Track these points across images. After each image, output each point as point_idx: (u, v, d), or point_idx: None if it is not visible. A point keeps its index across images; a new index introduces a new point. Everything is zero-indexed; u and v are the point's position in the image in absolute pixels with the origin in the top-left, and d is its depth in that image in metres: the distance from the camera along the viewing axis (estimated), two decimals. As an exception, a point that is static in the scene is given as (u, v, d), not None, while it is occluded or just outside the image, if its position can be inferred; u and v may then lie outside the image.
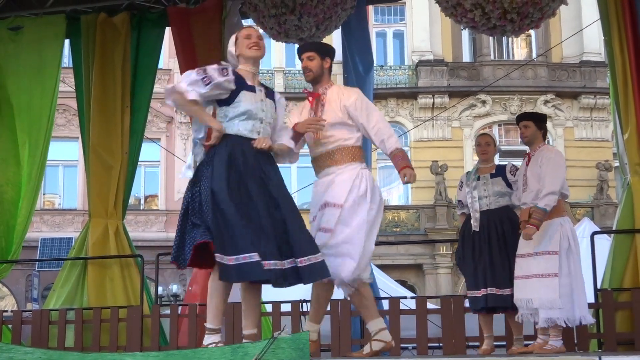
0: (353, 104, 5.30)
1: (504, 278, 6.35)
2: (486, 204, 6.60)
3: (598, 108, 24.35)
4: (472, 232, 6.59)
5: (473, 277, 6.51)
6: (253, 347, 3.90)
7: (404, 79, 24.74)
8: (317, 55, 5.40)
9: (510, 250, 6.37)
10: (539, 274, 6.03)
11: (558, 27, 23.81)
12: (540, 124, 6.47)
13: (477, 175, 6.72)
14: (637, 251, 7.19)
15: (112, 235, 8.59)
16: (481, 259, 6.48)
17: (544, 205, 6.02)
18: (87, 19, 9.00)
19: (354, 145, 5.32)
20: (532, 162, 6.31)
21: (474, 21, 7.02)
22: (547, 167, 6.15)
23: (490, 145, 6.78)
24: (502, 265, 6.39)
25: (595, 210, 22.85)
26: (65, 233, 21.88)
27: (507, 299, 6.31)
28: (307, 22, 7.60)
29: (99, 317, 8.09)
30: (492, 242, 6.48)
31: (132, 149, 8.83)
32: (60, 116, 22.37)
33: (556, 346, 6.03)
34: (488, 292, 6.39)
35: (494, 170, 6.69)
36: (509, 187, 6.59)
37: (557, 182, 6.09)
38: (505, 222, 6.53)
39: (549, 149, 6.42)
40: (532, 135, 6.42)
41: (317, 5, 7.50)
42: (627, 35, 7.52)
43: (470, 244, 6.60)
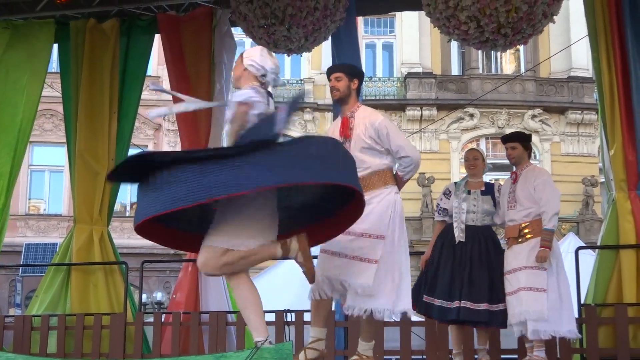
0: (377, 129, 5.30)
1: (481, 293, 6.34)
2: (472, 219, 6.59)
3: (585, 123, 24.45)
4: (457, 242, 6.57)
5: (448, 287, 6.45)
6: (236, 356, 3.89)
7: (392, 90, 24.79)
8: (345, 76, 5.43)
9: (491, 268, 6.40)
10: (527, 287, 6.08)
11: (546, 43, 23.93)
12: (526, 144, 6.60)
13: (467, 190, 6.72)
14: (621, 267, 7.21)
15: (97, 242, 8.56)
16: (460, 272, 6.45)
17: (552, 226, 6.16)
18: (76, 24, 8.98)
19: (385, 170, 5.33)
20: (522, 182, 6.40)
21: (467, 34, 7.01)
22: (545, 190, 6.27)
23: (477, 160, 6.78)
24: (481, 281, 6.38)
25: (580, 225, 22.91)
26: (50, 238, 21.79)
27: (482, 314, 6.32)
28: (297, 33, 7.61)
29: (82, 323, 8.05)
30: (474, 256, 6.47)
31: (118, 156, 8.79)
32: (48, 121, 22.32)
33: (540, 356, 6.08)
34: (461, 305, 6.34)
35: (484, 188, 6.72)
36: (495, 206, 6.63)
37: (558, 203, 6.26)
38: (489, 239, 6.56)
39: (539, 170, 6.62)
40: (520, 156, 6.55)
41: (307, 17, 7.50)
42: (614, 52, 7.56)
43: (451, 254, 6.56)
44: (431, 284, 6.60)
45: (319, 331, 5.38)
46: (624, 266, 7.19)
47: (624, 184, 7.42)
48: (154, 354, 7.81)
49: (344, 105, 5.46)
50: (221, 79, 8.73)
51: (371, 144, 5.31)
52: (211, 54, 8.73)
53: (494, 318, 6.35)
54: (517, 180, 6.45)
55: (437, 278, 6.58)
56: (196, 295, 8.33)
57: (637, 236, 7.26)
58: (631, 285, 7.09)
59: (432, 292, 6.56)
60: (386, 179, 5.32)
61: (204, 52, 8.69)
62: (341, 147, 4.79)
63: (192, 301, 8.30)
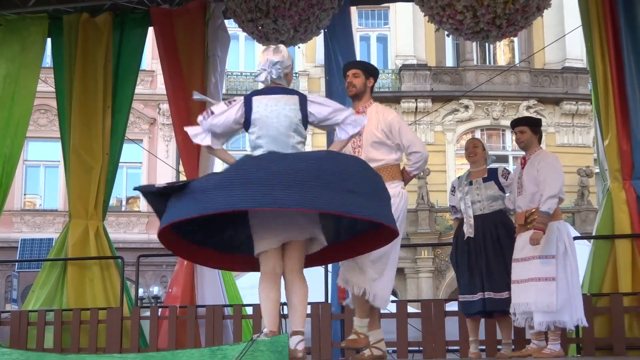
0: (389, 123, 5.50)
1: (501, 282, 6.33)
2: (479, 208, 6.57)
3: (580, 114, 24.46)
4: (467, 237, 6.55)
5: (469, 281, 6.47)
6: (232, 349, 3.89)
7: (387, 83, 24.76)
8: (362, 73, 5.65)
9: (506, 254, 6.36)
10: (536, 278, 6.02)
11: (541, 34, 23.92)
12: (535, 129, 6.52)
13: (469, 180, 6.69)
14: (617, 257, 7.23)
15: (93, 236, 8.55)
16: (477, 264, 6.44)
17: (547, 208, 6.06)
18: (69, 18, 8.96)
19: (393, 164, 5.52)
20: (528, 166, 6.34)
21: (461, 24, 6.99)
22: (547, 171, 6.19)
23: (477, 148, 6.75)
24: (498, 269, 6.37)
25: (576, 215, 22.95)
26: (46, 234, 21.75)
27: (505, 303, 6.30)
28: (284, 24, 7.55)
29: (79, 318, 8.06)
30: (487, 246, 6.45)
31: (113, 150, 8.79)
32: (42, 116, 22.27)
33: (555, 350, 6.04)
34: (485, 296, 6.36)
35: (486, 174, 6.67)
36: (502, 190, 6.59)
37: (558, 186, 6.14)
38: (499, 226, 6.51)
39: (546, 154, 6.48)
40: (528, 140, 6.47)
41: (291, 8, 7.44)
42: (608, 42, 7.57)
43: (466, 249, 6.54)
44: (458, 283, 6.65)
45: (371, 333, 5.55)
46: (619, 256, 7.20)
47: (619, 174, 7.43)
48: (151, 348, 7.82)
49: (358, 101, 5.64)
50: (215, 72, 8.72)
51: (382, 139, 5.47)
52: (205, 48, 8.72)
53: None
54: (525, 165, 6.39)
55: (458, 276, 6.62)
56: (192, 289, 8.34)
57: (632, 226, 7.27)
58: (626, 275, 7.11)
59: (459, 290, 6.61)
60: (394, 174, 5.49)
61: (197, 46, 8.68)
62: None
63: (188, 295, 8.31)
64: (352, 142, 5.45)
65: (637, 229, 7.26)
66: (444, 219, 22.35)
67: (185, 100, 8.58)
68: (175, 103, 8.71)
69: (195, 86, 8.57)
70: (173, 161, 22.46)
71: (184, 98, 8.58)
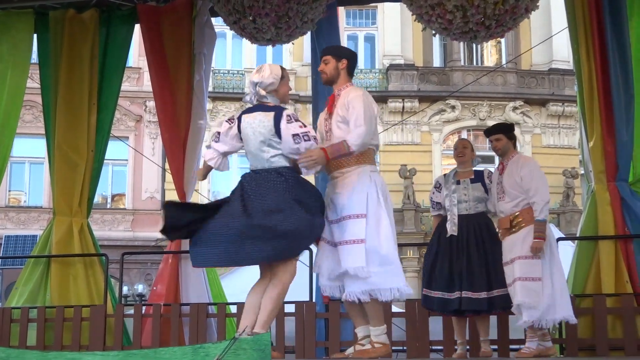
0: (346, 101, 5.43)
1: (480, 282, 6.37)
2: (465, 208, 6.61)
3: (566, 115, 24.57)
4: (450, 235, 6.58)
5: (447, 278, 6.49)
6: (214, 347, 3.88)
7: (374, 82, 24.80)
8: (332, 58, 5.61)
9: (489, 256, 6.42)
10: (522, 277, 6.07)
11: (527, 35, 24.00)
12: (510, 134, 6.61)
13: (456, 180, 6.74)
14: (600, 258, 7.25)
15: (77, 234, 8.52)
16: (458, 263, 6.47)
17: (544, 216, 6.18)
18: (55, 14, 8.91)
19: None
20: (508, 172, 6.41)
21: (450, 23, 6.97)
22: (533, 179, 6.27)
23: (467, 149, 6.81)
24: (479, 269, 6.40)
25: (561, 216, 23.04)
26: (30, 230, 21.64)
27: (482, 302, 6.35)
28: (263, 23, 7.49)
29: (62, 315, 8.02)
30: (470, 246, 6.49)
31: (98, 147, 8.75)
32: (28, 112, 22.16)
33: (532, 348, 6.09)
34: (463, 295, 6.39)
35: (473, 176, 6.73)
36: (486, 192, 6.65)
37: (547, 192, 6.27)
38: (483, 227, 6.56)
39: (525, 159, 6.59)
40: (505, 146, 6.56)
41: (265, 6, 7.39)
42: (594, 44, 7.59)
43: (448, 246, 6.58)
44: (429, 278, 6.64)
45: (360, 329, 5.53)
46: (602, 257, 7.23)
47: (603, 175, 7.45)
48: (134, 346, 7.79)
49: (334, 85, 5.61)
50: (200, 70, 8.70)
51: (344, 117, 5.41)
52: (191, 45, 8.69)
53: (493, 305, 6.40)
54: (503, 170, 6.46)
55: (435, 271, 6.60)
56: (177, 287, 8.32)
57: (616, 227, 7.30)
58: (610, 276, 7.13)
59: (430, 285, 6.61)
60: (359, 157, 5.38)
61: (184, 43, 8.65)
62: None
63: (172, 293, 8.28)
64: (324, 125, 5.58)
65: (620, 231, 7.30)
66: (429, 219, 22.37)
67: (172, 97, 8.56)
68: (162, 100, 8.68)
69: (182, 83, 8.56)
70: (159, 159, 22.42)
71: (170, 95, 8.57)
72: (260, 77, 5.36)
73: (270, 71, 5.41)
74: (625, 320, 6.86)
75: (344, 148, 5.26)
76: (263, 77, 5.35)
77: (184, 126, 8.54)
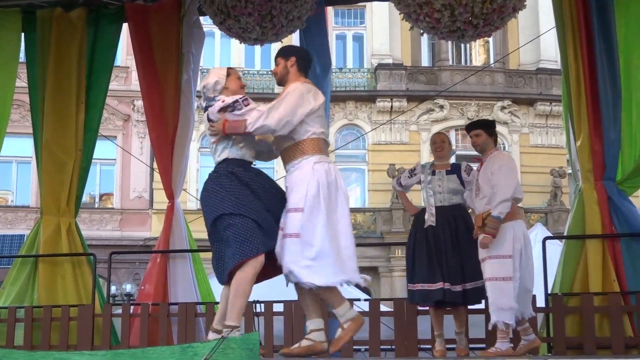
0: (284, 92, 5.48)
1: (456, 274, 6.42)
2: (440, 200, 6.65)
3: (553, 115, 24.64)
4: (427, 226, 6.61)
5: (428, 270, 6.50)
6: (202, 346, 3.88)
7: (362, 82, 24.81)
8: (282, 58, 5.62)
9: (463, 248, 6.45)
10: (492, 277, 6.08)
11: (515, 35, 24.07)
12: (490, 131, 6.57)
13: (432, 170, 6.79)
14: (587, 257, 7.27)
15: (64, 233, 8.48)
16: (437, 254, 6.51)
17: (498, 213, 6.10)
18: (42, 13, 8.87)
19: (300, 141, 5.35)
20: (484, 168, 6.40)
21: (439, 22, 6.97)
22: (499, 174, 6.23)
23: (445, 143, 6.89)
24: (455, 262, 6.45)
25: (549, 216, 23.11)
26: (18, 230, 21.60)
27: (458, 295, 6.39)
28: (247, 23, 7.47)
29: (50, 315, 7.99)
30: (445, 238, 6.53)
31: (86, 146, 8.71)
32: (15, 112, 22.02)
33: (501, 349, 6.07)
34: (445, 286, 6.42)
35: (450, 167, 6.79)
36: (463, 185, 6.67)
37: (509, 190, 6.17)
38: (458, 219, 6.59)
39: (500, 155, 6.53)
40: (484, 143, 6.52)
41: (247, 5, 7.39)
42: (581, 44, 7.61)
43: (424, 238, 6.61)
44: (411, 273, 6.66)
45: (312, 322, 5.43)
46: (590, 256, 7.25)
47: (590, 175, 7.47)
48: (123, 346, 7.77)
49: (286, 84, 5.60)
50: (189, 69, 8.68)
51: None
52: (179, 44, 8.67)
53: (467, 297, 6.46)
54: (481, 167, 6.46)
55: (415, 265, 6.62)
56: (165, 287, 8.29)
57: (603, 226, 7.32)
58: (597, 275, 7.16)
59: (412, 279, 6.62)
60: (303, 149, 5.36)
61: (172, 42, 8.62)
62: None
63: (160, 292, 8.26)
64: None
65: (608, 229, 7.32)
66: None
67: (160, 97, 8.54)
68: (150, 100, 8.66)
69: (170, 83, 8.54)
70: (147, 158, 22.38)
71: (158, 95, 8.54)
72: (204, 82, 5.49)
73: (214, 73, 5.54)
74: (613, 319, 6.89)
75: (241, 127, 5.28)
76: (207, 81, 5.48)
77: (172, 125, 8.52)
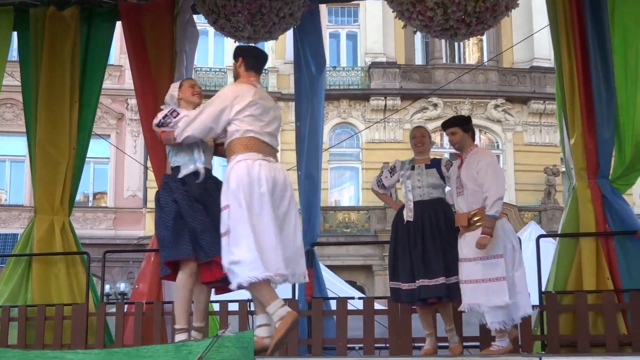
0: None
1: (437, 268, 6.33)
2: (419, 194, 6.59)
3: (547, 113, 24.68)
4: (406, 222, 6.56)
5: (409, 269, 6.46)
6: (197, 345, 3.88)
7: (356, 80, 24.82)
8: (234, 60, 5.73)
9: (445, 242, 6.38)
10: (486, 279, 6.04)
11: (509, 33, 24.10)
12: (465, 127, 6.50)
13: (411, 165, 6.74)
14: (581, 255, 7.28)
15: (58, 232, 8.46)
16: (416, 250, 6.44)
17: (495, 212, 6.07)
18: (35, 12, 8.84)
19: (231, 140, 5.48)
20: (466, 166, 6.34)
21: (431, 21, 6.97)
22: (488, 173, 6.19)
23: (425, 137, 6.84)
24: (435, 256, 6.36)
25: (542, 214, 23.15)
26: (11, 229, 21.56)
27: (440, 288, 6.29)
28: (238, 21, 7.47)
29: (43, 314, 7.97)
30: (425, 232, 6.45)
31: (80, 145, 8.70)
32: (8, 110, 22.06)
33: (502, 346, 6.09)
34: (420, 284, 6.36)
35: (429, 162, 6.72)
36: (443, 180, 6.63)
37: (502, 187, 6.18)
38: (439, 213, 6.51)
39: (483, 153, 6.49)
40: (461, 140, 6.47)
41: (236, 4, 7.38)
42: (575, 42, 7.62)
43: (405, 234, 6.55)
44: (393, 270, 6.63)
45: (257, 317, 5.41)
46: (583, 254, 7.26)
47: (584, 173, 7.48)
48: (117, 344, 7.75)
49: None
50: (181, 68, 8.66)
51: None
52: (173, 43, 8.65)
53: (451, 291, 6.35)
54: (462, 164, 6.39)
55: (398, 261, 6.59)
56: (159, 285, 8.28)
57: (597, 224, 7.33)
58: (590, 273, 7.17)
59: (397, 277, 6.58)
60: (232, 149, 5.47)
61: (165, 41, 8.61)
62: None
63: (154, 291, 8.24)
64: None
65: (601, 227, 7.33)
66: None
67: (153, 95, 8.52)
68: (143, 98, 8.64)
69: (164, 81, 8.50)
70: (141, 157, 22.34)
71: (151, 93, 8.52)
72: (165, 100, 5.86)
73: (170, 89, 5.89)
74: (607, 317, 6.90)
75: (171, 138, 5.57)
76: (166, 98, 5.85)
77: (166, 124, 8.49)
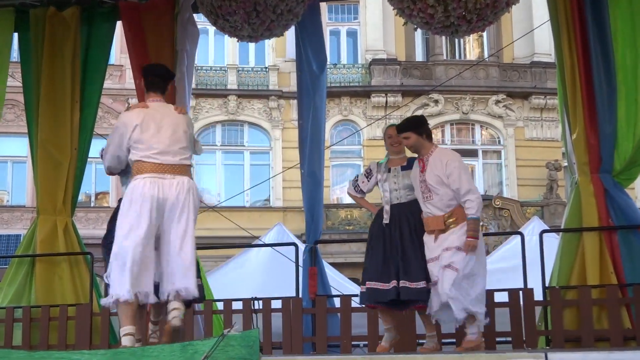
0: None
1: (417, 271, 6.16)
2: (396, 197, 6.44)
3: (548, 108, 24.65)
4: (384, 224, 6.40)
5: (382, 269, 6.27)
6: (202, 344, 3.88)
7: (357, 77, 24.80)
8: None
9: (422, 245, 6.25)
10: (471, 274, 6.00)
11: (509, 28, 24.07)
12: (419, 130, 6.37)
13: (387, 167, 6.58)
14: (585, 249, 7.27)
15: (61, 233, 8.47)
16: (392, 252, 6.28)
17: (477, 213, 6.04)
18: (36, 12, 8.85)
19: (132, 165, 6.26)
20: (430, 169, 6.21)
21: (432, 18, 6.96)
22: (461, 176, 6.12)
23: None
24: (415, 259, 6.21)
25: (545, 209, 23.13)
26: (14, 230, 21.56)
27: (421, 292, 6.14)
28: (235, 21, 7.48)
29: (48, 315, 7.98)
30: (403, 235, 6.30)
31: (81, 145, 8.71)
32: (9, 111, 22.03)
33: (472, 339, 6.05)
34: (400, 285, 6.17)
35: (405, 163, 6.55)
36: None
37: (473, 187, 6.14)
38: (416, 214, 6.35)
39: (446, 153, 6.38)
40: (416, 143, 6.34)
41: (231, 4, 7.38)
42: (575, 37, 7.61)
43: (381, 236, 6.39)
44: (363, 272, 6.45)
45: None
46: (587, 249, 7.25)
47: (586, 167, 7.47)
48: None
49: None
50: (183, 67, 8.66)
51: None
52: (173, 42, 8.66)
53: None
54: (425, 168, 6.25)
55: (368, 264, 6.44)
56: (162, 285, 8.28)
57: (600, 218, 7.33)
58: (594, 267, 7.16)
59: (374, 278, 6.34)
60: (132, 173, 6.29)
61: (166, 40, 8.61)
62: None
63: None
64: None
65: (604, 222, 7.32)
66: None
67: (154, 95, 8.51)
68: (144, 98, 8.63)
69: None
70: (142, 156, 22.31)
71: (152, 93, 8.52)
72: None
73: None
74: (611, 311, 6.90)
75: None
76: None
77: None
